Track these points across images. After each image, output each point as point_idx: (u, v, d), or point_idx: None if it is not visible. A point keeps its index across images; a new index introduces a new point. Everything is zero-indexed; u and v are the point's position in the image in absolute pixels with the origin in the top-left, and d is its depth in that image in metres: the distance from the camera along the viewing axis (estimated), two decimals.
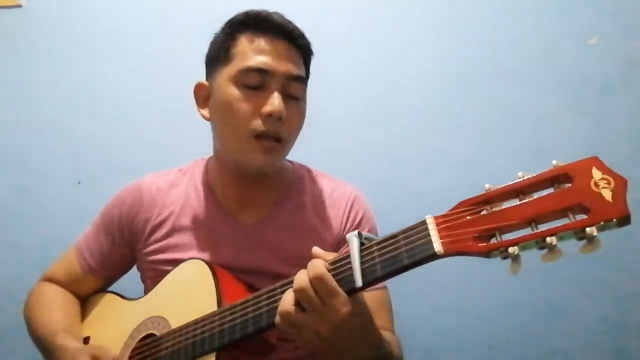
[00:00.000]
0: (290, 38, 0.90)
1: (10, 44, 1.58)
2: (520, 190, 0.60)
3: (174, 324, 0.85)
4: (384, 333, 0.79)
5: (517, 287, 1.48)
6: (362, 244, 0.68)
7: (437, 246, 0.61)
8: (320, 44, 0.95)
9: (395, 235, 0.66)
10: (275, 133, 0.87)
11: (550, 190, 0.59)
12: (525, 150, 1.49)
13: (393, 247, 0.66)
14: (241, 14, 0.92)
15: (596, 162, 0.58)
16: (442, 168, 1.52)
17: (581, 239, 0.55)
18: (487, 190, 0.62)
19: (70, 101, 1.57)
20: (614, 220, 0.54)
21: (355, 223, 0.97)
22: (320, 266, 0.67)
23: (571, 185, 0.58)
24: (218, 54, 0.91)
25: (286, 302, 0.68)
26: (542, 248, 0.57)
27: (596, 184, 0.56)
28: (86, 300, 1.04)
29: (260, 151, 0.87)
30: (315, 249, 0.72)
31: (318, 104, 1.01)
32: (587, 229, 0.54)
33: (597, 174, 0.57)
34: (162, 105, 1.55)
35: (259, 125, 0.86)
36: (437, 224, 0.63)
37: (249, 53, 0.88)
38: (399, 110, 1.54)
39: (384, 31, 1.55)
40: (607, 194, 0.55)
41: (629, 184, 0.55)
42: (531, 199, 0.59)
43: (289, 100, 0.88)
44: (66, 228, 1.16)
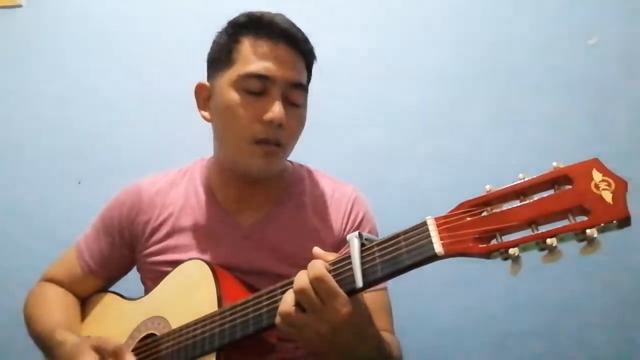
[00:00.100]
0: (293, 42, 0.89)
1: (10, 44, 1.58)
2: (520, 192, 0.60)
3: (174, 324, 0.85)
4: (384, 334, 0.79)
5: (517, 288, 1.48)
6: (362, 245, 0.68)
7: (438, 247, 0.62)
8: (320, 44, 0.95)
9: (396, 236, 0.66)
10: (275, 139, 0.87)
11: (551, 192, 0.59)
12: (525, 150, 1.49)
13: (393, 248, 0.66)
14: (244, 14, 0.90)
15: (596, 164, 0.58)
16: (442, 168, 1.52)
17: (581, 240, 0.56)
18: (487, 191, 0.62)
19: (70, 101, 1.57)
20: (614, 222, 0.54)
21: (356, 224, 0.97)
22: (320, 267, 0.67)
23: (571, 187, 0.58)
24: (220, 55, 0.91)
25: (286, 303, 0.68)
26: (542, 249, 0.57)
27: (596, 186, 0.56)
28: (86, 300, 1.04)
29: (260, 156, 0.87)
30: (316, 250, 0.72)
31: (318, 104, 1.01)
32: (588, 231, 0.54)
33: (597, 175, 0.57)
34: (162, 105, 1.55)
35: (259, 131, 0.86)
36: (438, 225, 0.63)
37: (251, 58, 0.87)
38: (399, 110, 1.54)
39: (384, 31, 1.55)
40: (608, 196, 0.55)
41: (629, 185, 0.55)
42: (532, 201, 0.59)
43: (290, 107, 0.88)
44: (66, 228, 1.16)
